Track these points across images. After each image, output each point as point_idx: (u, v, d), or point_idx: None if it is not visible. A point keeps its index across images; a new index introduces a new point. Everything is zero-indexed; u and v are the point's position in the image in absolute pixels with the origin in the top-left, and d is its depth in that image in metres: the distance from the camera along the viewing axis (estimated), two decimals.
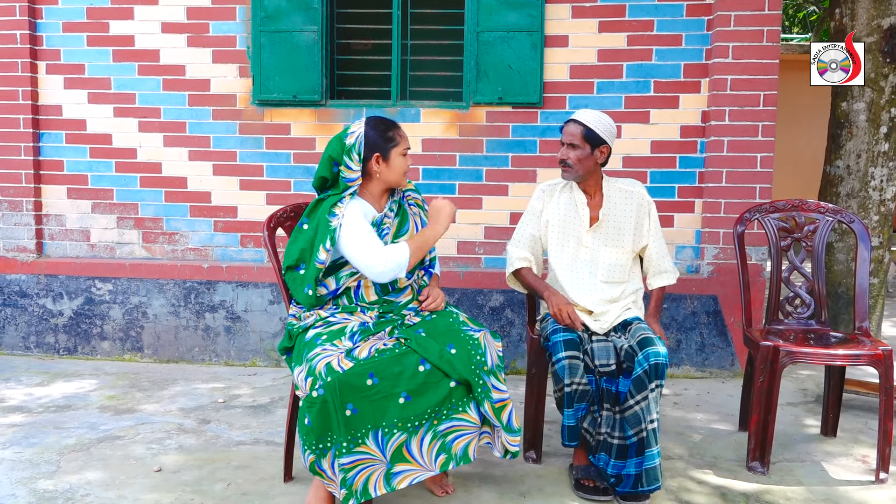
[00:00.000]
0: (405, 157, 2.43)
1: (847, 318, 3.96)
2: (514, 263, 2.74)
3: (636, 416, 2.34)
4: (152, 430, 2.98)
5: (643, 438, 2.33)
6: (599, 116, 2.63)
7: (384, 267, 2.29)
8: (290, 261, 2.37)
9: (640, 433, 2.34)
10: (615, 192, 2.70)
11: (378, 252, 2.30)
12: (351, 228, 2.31)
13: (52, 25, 4.16)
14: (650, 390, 2.33)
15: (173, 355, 4.11)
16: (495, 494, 2.42)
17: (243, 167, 4.13)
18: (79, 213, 4.24)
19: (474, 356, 2.21)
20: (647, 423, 2.33)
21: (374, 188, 2.44)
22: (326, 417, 2.08)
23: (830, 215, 2.93)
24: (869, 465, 2.68)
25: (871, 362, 2.55)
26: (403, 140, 2.43)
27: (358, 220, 2.33)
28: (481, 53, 3.91)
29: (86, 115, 4.19)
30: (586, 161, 2.61)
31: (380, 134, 2.38)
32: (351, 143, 2.35)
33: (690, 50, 3.86)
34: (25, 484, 2.46)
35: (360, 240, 2.31)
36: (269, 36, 3.99)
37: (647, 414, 2.33)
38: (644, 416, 2.33)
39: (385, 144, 2.38)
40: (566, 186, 2.73)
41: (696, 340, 3.88)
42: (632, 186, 2.72)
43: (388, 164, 2.39)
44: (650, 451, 2.33)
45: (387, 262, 2.29)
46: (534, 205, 2.77)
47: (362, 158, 2.36)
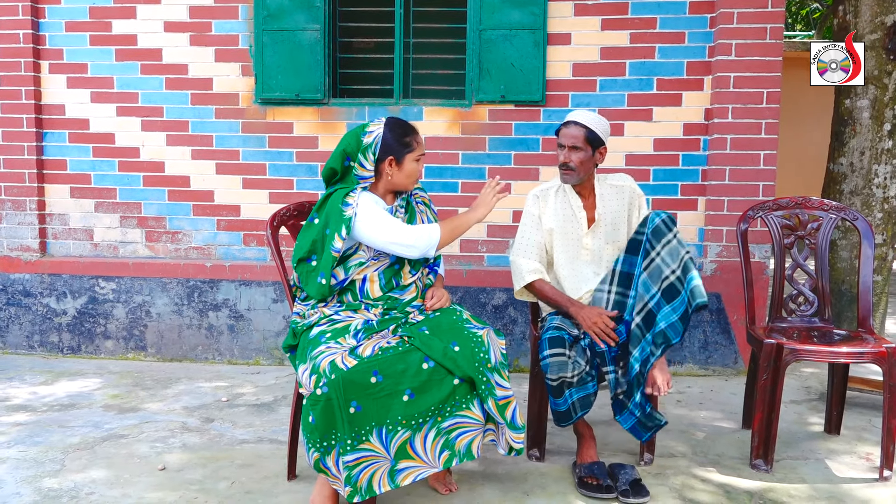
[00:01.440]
0: (418, 164, 2.43)
1: (851, 316, 3.95)
2: (525, 277, 2.66)
3: (674, 250, 2.40)
4: (156, 429, 2.99)
5: (686, 263, 2.38)
6: (597, 117, 2.62)
7: (416, 241, 2.32)
8: (301, 253, 2.37)
9: (683, 260, 2.39)
10: (607, 189, 2.69)
11: (407, 229, 2.33)
12: (370, 214, 2.31)
13: (54, 25, 4.16)
14: (674, 235, 2.42)
15: (177, 354, 4.12)
16: (498, 492, 2.42)
17: (246, 166, 4.13)
18: (82, 212, 4.25)
19: (478, 353, 2.21)
20: (683, 253, 2.40)
21: (381, 188, 2.44)
22: (330, 415, 2.08)
23: (834, 213, 2.93)
24: (873, 463, 2.68)
25: (874, 360, 2.55)
26: (419, 147, 2.42)
27: (375, 206, 2.35)
28: (484, 51, 3.91)
29: (89, 115, 4.20)
30: (588, 163, 2.60)
31: (397, 138, 2.38)
32: (368, 143, 2.36)
33: (693, 47, 3.86)
34: (30, 482, 2.47)
35: (384, 221, 2.32)
36: (272, 35, 3.99)
37: (682, 246, 2.41)
38: (681, 248, 2.41)
39: (401, 149, 2.38)
40: (559, 190, 2.71)
41: (699, 338, 3.88)
42: (622, 181, 2.72)
43: (400, 169, 2.39)
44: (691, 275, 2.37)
45: (419, 238, 2.32)
46: (531, 211, 2.72)
47: (377, 159, 2.37)
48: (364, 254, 2.37)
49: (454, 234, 2.41)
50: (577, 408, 2.46)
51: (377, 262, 2.39)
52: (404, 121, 2.46)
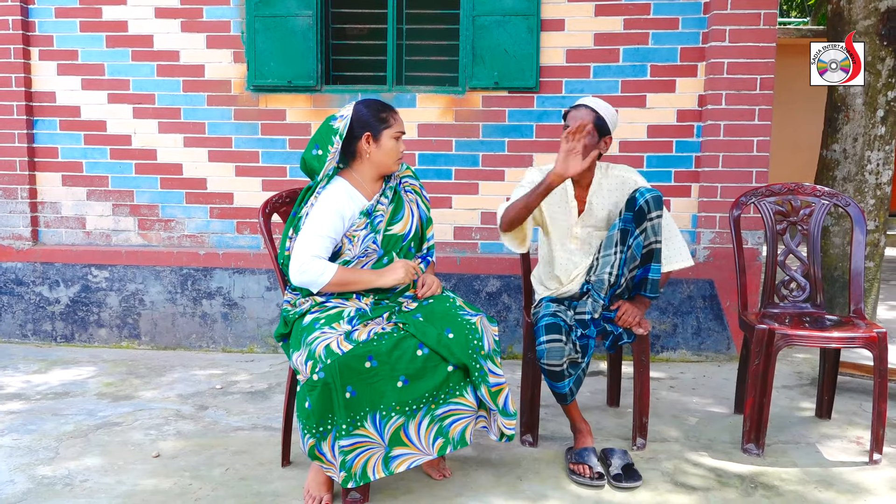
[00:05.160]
0: (398, 142, 2.37)
1: (842, 302, 3.97)
2: (501, 210, 2.61)
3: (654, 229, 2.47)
4: (150, 417, 2.99)
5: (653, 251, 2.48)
6: (608, 106, 2.61)
7: (305, 269, 2.26)
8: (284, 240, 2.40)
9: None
10: (608, 179, 2.67)
11: (306, 254, 2.26)
12: (311, 217, 2.32)
13: (44, 11, 4.12)
14: (657, 216, 2.46)
15: (171, 342, 4.12)
16: (492, 477, 2.44)
17: (238, 153, 4.11)
18: (74, 200, 4.23)
19: (471, 340, 2.22)
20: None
21: (365, 172, 2.40)
22: (328, 400, 2.08)
23: (826, 199, 2.93)
24: (863, 447, 2.70)
25: (865, 345, 2.56)
26: (397, 123, 2.38)
27: (320, 213, 2.31)
28: (477, 38, 3.89)
29: (80, 102, 4.17)
30: (592, 149, 2.56)
31: (373, 113, 2.34)
32: (338, 127, 2.33)
33: (687, 34, 3.85)
34: (24, 470, 2.47)
35: (306, 233, 2.30)
36: (264, 21, 3.96)
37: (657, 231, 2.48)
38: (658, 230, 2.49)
39: (378, 124, 2.34)
40: None
41: (692, 324, 3.90)
42: (627, 173, 2.70)
43: (378, 146, 2.35)
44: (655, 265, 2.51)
45: (310, 270, 2.26)
46: (530, 178, 2.62)
47: (354, 136, 2.34)
48: (349, 252, 2.36)
49: (343, 286, 2.30)
50: (574, 387, 2.52)
51: (364, 260, 2.38)
52: (379, 99, 2.42)
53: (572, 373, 2.49)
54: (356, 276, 2.32)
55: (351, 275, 2.31)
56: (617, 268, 2.53)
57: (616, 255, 2.53)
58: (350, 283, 2.31)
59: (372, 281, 2.31)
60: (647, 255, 2.50)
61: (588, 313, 2.53)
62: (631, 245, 2.50)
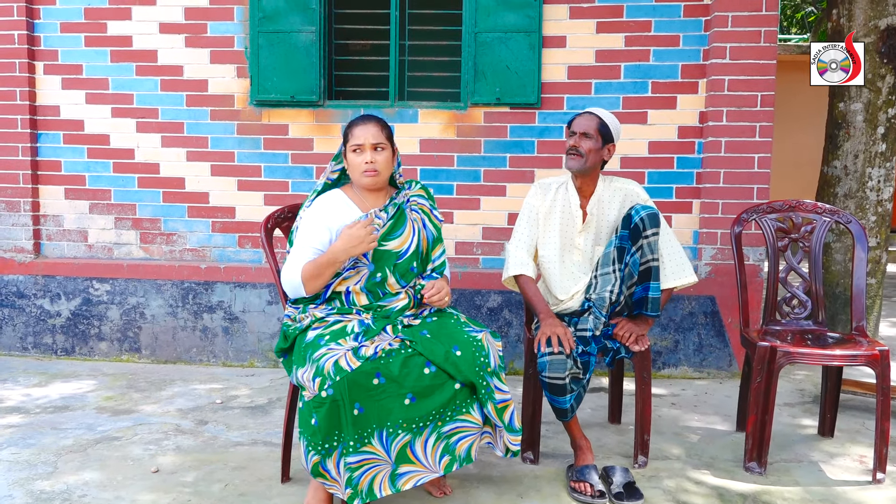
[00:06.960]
0: (356, 154, 2.36)
1: (844, 319, 3.97)
2: (511, 268, 2.69)
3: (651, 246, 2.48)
4: (150, 431, 2.98)
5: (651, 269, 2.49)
6: (612, 115, 2.69)
7: (283, 281, 2.37)
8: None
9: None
10: (611, 191, 2.70)
11: (294, 266, 2.34)
12: (298, 230, 2.42)
13: (49, 26, 4.15)
14: (653, 234, 2.48)
15: (171, 356, 4.11)
16: (493, 495, 2.42)
17: (241, 168, 4.13)
18: (76, 213, 4.24)
19: (478, 358, 2.21)
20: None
21: (356, 185, 2.46)
22: (335, 417, 2.07)
23: (828, 216, 2.94)
24: (866, 466, 2.69)
25: (868, 363, 2.55)
26: (353, 137, 2.36)
27: (308, 224, 2.38)
28: (479, 54, 3.92)
29: (83, 116, 4.19)
30: (595, 155, 2.61)
31: (345, 129, 2.44)
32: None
33: (688, 50, 3.87)
34: (22, 485, 2.46)
35: (294, 246, 2.40)
36: (267, 36, 3.99)
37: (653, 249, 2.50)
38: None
39: (344, 140, 2.43)
40: (561, 187, 2.72)
41: (693, 341, 3.89)
42: (627, 184, 2.73)
43: (346, 161, 2.43)
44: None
45: (286, 281, 2.36)
46: (530, 202, 2.73)
47: (338, 153, 2.47)
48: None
49: (317, 277, 2.30)
50: (575, 403, 2.51)
51: (355, 273, 2.37)
52: (368, 114, 2.45)
53: (574, 388, 2.49)
54: (318, 260, 2.30)
55: (312, 264, 2.30)
56: (618, 286, 2.54)
57: (615, 274, 2.54)
58: (318, 270, 2.29)
59: (335, 256, 2.28)
60: (645, 273, 2.51)
61: (589, 330, 2.53)
62: (628, 263, 2.51)
